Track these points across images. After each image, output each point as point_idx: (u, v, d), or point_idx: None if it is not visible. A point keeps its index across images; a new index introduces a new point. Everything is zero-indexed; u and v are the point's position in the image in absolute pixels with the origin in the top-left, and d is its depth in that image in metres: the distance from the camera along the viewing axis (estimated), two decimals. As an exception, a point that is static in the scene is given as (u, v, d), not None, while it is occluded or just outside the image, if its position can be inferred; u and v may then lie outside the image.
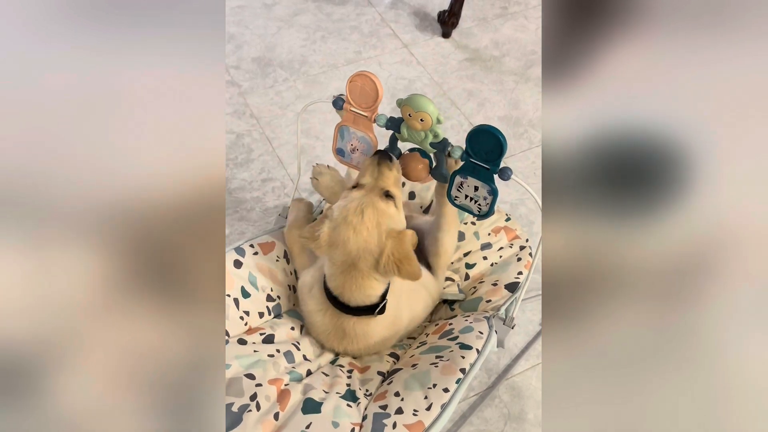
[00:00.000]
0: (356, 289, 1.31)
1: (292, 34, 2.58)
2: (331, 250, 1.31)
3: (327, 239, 1.30)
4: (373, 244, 1.26)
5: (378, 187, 1.30)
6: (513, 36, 2.62)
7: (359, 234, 1.26)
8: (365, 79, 1.26)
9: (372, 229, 1.26)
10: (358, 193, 1.30)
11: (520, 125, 2.29)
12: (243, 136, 2.22)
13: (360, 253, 1.27)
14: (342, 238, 1.27)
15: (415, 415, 1.18)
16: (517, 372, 1.71)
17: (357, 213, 1.27)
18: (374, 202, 1.28)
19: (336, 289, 1.33)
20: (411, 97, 1.24)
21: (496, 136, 1.17)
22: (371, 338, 1.40)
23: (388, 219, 1.28)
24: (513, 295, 1.47)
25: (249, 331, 1.36)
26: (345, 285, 1.31)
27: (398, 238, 1.26)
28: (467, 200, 1.28)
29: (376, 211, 1.27)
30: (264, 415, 1.15)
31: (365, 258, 1.27)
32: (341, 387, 1.27)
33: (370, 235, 1.26)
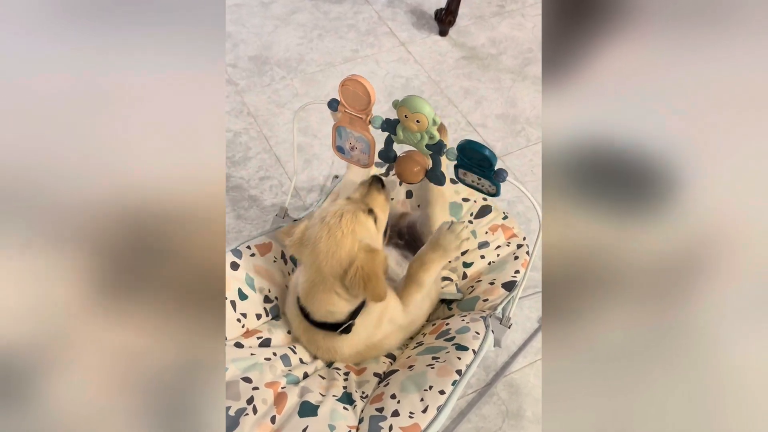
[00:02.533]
0: (318, 303, 1.29)
1: (289, 32, 2.58)
2: (301, 250, 1.29)
3: (299, 237, 1.29)
4: (344, 250, 1.24)
5: (364, 203, 1.31)
6: (510, 34, 2.62)
7: (332, 236, 1.24)
8: (356, 84, 1.26)
9: (346, 234, 1.24)
10: (343, 202, 1.30)
11: (517, 123, 2.29)
12: (240, 134, 2.22)
13: (328, 257, 1.24)
14: (315, 237, 1.26)
15: (411, 418, 1.18)
16: (515, 369, 1.71)
17: (335, 216, 1.26)
18: (355, 211, 1.27)
19: (303, 299, 1.32)
20: (407, 99, 1.23)
21: (482, 152, 1.17)
22: (339, 354, 1.39)
23: (365, 231, 1.27)
24: (510, 294, 1.47)
25: (246, 335, 1.36)
26: (309, 296, 1.30)
27: (371, 255, 1.24)
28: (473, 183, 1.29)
29: (355, 218, 1.26)
30: (261, 418, 1.16)
31: (331, 264, 1.24)
32: (337, 390, 1.27)
33: (344, 239, 1.24)
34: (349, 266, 1.23)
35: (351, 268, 1.22)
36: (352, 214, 1.26)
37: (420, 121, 1.23)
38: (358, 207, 1.29)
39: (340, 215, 1.26)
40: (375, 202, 1.32)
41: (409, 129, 1.27)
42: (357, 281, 1.22)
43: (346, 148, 1.40)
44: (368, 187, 1.33)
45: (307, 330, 1.37)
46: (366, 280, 1.21)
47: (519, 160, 2.16)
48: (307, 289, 1.29)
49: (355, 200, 1.32)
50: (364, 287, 1.22)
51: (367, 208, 1.30)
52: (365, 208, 1.29)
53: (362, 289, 1.22)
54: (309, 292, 1.29)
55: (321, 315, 1.31)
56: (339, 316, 1.31)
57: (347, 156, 1.42)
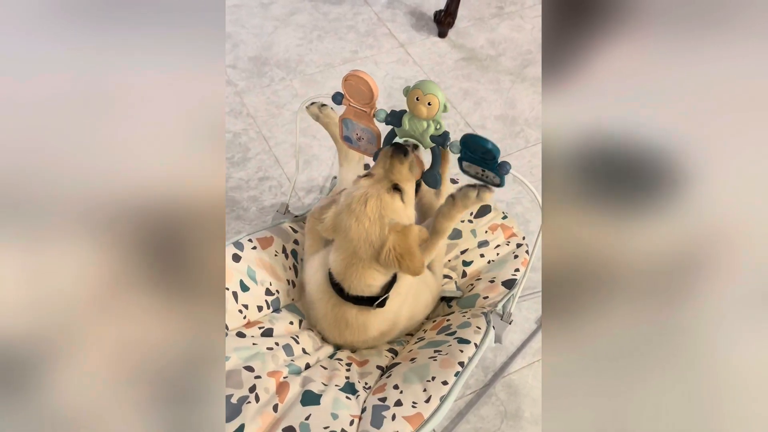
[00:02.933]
0: (356, 278, 1.31)
1: (289, 33, 2.58)
2: (334, 235, 1.32)
3: (331, 223, 1.31)
4: (374, 235, 1.26)
5: (387, 179, 1.30)
6: (509, 36, 2.63)
7: (361, 223, 1.26)
8: (358, 79, 1.27)
9: (374, 220, 1.26)
10: (366, 182, 1.30)
11: (516, 124, 2.30)
12: (240, 135, 2.22)
13: (360, 243, 1.27)
14: (344, 225, 1.28)
15: (414, 407, 1.18)
16: (513, 370, 1.71)
17: (360, 202, 1.27)
18: (380, 193, 1.27)
19: (338, 275, 1.34)
20: (420, 82, 1.24)
21: (485, 146, 1.18)
22: (369, 331, 1.40)
23: (392, 212, 1.28)
24: (510, 291, 1.47)
25: (248, 325, 1.36)
26: (346, 272, 1.32)
27: (402, 233, 1.26)
28: (477, 175, 1.29)
29: (380, 202, 1.27)
30: (263, 406, 1.15)
31: (365, 248, 1.27)
32: (340, 380, 1.27)
33: (372, 225, 1.26)
34: (382, 248, 1.26)
35: (383, 250, 1.26)
36: (376, 198, 1.27)
37: (431, 103, 1.23)
38: (381, 187, 1.28)
39: (364, 201, 1.27)
40: (399, 176, 1.30)
41: (418, 115, 1.26)
42: (391, 261, 1.25)
43: (353, 138, 1.41)
44: (390, 159, 1.31)
45: (336, 309, 1.38)
46: (400, 258, 1.25)
47: (518, 161, 2.17)
48: (344, 267, 1.32)
49: (378, 177, 1.30)
50: (399, 266, 1.26)
51: (391, 184, 1.30)
52: (389, 186, 1.29)
53: (398, 267, 1.26)
54: (346, 269, 1.32)
55: (359, 289, 1.33)
56: (374, 289, 1.34)
57: (355, 146, 1.43)
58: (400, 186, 1.30)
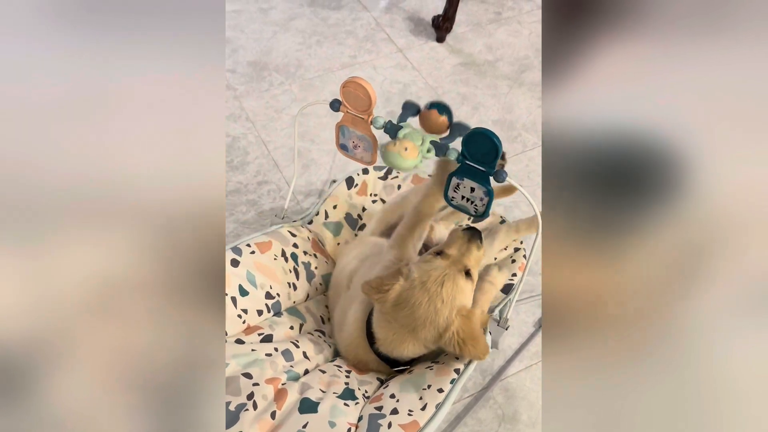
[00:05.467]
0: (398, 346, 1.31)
1: (288, 38, 2.59)
2: (396, 309, 1.28)
3: (395, 297, 1.28)
4: (442, 317, 1.25)
5: (462, 263, 1.29)
6: (506, 41, 2.64)
7: (432, 303, 1.25)
8: (357, 86, 1.27)
9: (447, 302, 1.25)
10: (442, 263, 1.28)
11: (513, 129, 2.31)
12: (239, 139, 2.23)
13: (424, 322, 1.26)
14: (413, 301, 1.26)
15: (410, 415, 1.18)
16: (511, 373, 1.72)
17: (437, 282, 1.25)
18: (456, 278, 1.27)
19: (380, 340, 1.33)
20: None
21: (491, 139, 1.18)
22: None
23: (464, 297, 1.28)
24: (507, 297, 1.48)
25: (247, 331, 1.36)
26: (392, 341, 1.32)
27: (467, 316, 1.26)
28: (464, 201, 1.29)
29: (455, 286, 1.26)
30: (261, 414, 1.15)
31: (428, 329, 1.26)
32: (339, 386, 1.27)
33: (443, 307, 1.25)
34: (445, 331, 1.25)
35: (446, 333, 1.25)
36: (452, 281, 1.26)
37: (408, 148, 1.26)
38: (456, 270, 1.27)
39: (441, 282, 1.25)
40: (473, 261, 1.31)
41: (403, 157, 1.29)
42: (453, 344, 1.25)
43: (349, 146, 1.42)
44: (467, 244, 1.31)
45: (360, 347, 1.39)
46: (462, 344, 1.24)
47: (515, 165, 2.18)
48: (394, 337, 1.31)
49: (453, 259, 1.29)
50: (461, 350, 1.25)
51: (465, 268, 1.29)
52: (462, 269, 1.28)
53: (459, 351, 1.25)
54: (394, 339, 1.31)
55: (393, 353, 1.34)
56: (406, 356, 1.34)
57: (351, 154, 1.43)
58: (471, 272, 1.30)
